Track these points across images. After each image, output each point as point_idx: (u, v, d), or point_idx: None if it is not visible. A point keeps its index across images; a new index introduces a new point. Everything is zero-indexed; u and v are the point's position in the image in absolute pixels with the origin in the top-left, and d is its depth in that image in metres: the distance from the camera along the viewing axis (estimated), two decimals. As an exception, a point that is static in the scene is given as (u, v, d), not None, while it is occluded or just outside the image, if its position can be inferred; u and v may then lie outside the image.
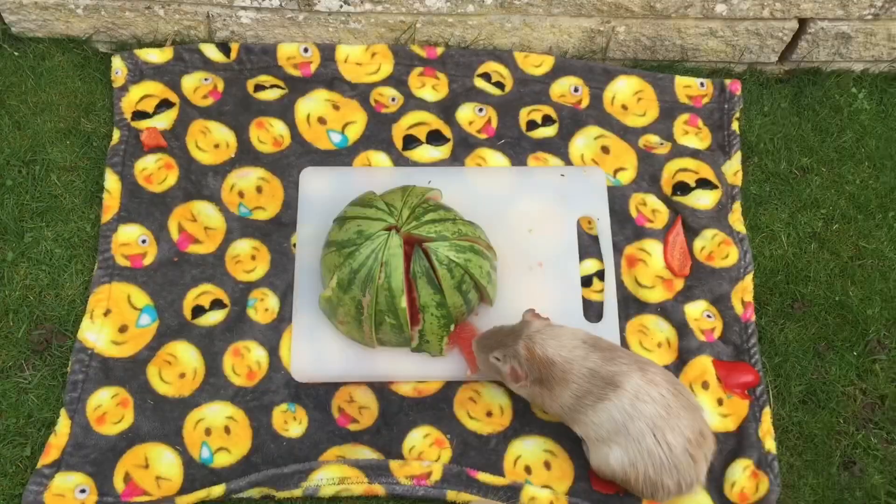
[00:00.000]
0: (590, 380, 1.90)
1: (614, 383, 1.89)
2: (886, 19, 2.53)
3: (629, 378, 1.89)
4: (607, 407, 1.89)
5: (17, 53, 2.56)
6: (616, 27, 2.55)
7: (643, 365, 1.92)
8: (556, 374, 1.92)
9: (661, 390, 1.88)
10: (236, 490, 2.00)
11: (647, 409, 1.87)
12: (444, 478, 2.04)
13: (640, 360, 1.94)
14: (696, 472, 1.91)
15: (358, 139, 2.48)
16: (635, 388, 1.88)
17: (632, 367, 1.90)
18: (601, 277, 2.32)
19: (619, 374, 1.89)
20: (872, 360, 2.25)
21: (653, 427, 1.86)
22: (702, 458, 1.91)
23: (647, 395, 1.87)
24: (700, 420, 1.93)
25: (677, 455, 1.87)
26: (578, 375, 1.91)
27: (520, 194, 2.40)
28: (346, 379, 2.18)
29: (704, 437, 1.92)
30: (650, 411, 1.86)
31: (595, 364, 1.91)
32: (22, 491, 2.01)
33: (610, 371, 1.89)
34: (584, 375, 1.90)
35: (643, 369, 1.91)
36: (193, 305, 2.24)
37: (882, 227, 2.43)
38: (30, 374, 2.15)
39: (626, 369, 1.90)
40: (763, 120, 2.57)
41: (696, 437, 1.89)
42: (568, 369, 1.91)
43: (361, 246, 2.06)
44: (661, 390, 1.88)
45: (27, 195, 2.36)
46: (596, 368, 1.90)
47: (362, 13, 2.50)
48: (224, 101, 2.49)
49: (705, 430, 1.93)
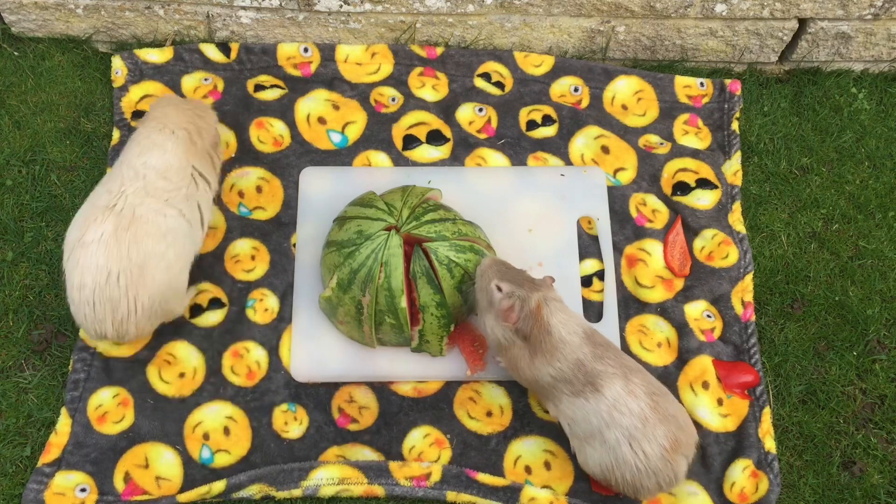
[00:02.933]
0: (574, 369, 1.91)
1: (595, 385, 1.89)
2: (886, 19, 2.53)
3: (611, 384, 1.89)
4: (584, 407, 1.90)
5: (17, 53, 2.56)
6: (616, 27, 2.55)
7: (628, 371, 1.92)
8: (546, 344, 1.92)
9: (639, 403, 1.88)
10: (237, 485, 2.00)
11: (623, 420, 1.88)
12: (443, 479, 2.04)
13: (627, 366, 1.94)
14: (675, 472, 1.92)
15: (358, 139, 2.48)
16: (614, 398, 1.88)
17: (617, 371, 1.91)
18: (601, 277, 2.32)
19: (602, 374, 1.90)
20: (872, 360, 2.25)
21: (629, 437, 1.88)
22: (680, 459, 1.92)
23: (625, 406, 1.88)
24: (677, 427, 1.91)
25: (654, 462, 1.88)
26: (566, 359, 1.91)
27: (520, 194, 2.40)
28: (346, 379, 2.18)
29: (681, 442, 1.91)
30: (626, 423, 1.88)
31: (584, 356, 1.91)
32: (22, 490, 2.02)
33: (595, 369, 1.90)
34: (570, 361, 1.91)
35: (627, 377, 1.91)
36: (192, 304, 2.24)
37: (882, 227, 2.43)
38: (30, 374, 2.15)
39: (611, 372, 1.90)
40: (763, 120, 2.57)
41: (672, 443, 1.89)
42: (560, 347, 1.91)
43: (361, 246, 2.07)
44: (639, 403, 1.88)
45: (27, 195, 2.36)
46: (583, 360, 1.91)
47: (362, 13, 2.50)
48: (224, 101, 2.49)
49: (682, 435, 1.92)
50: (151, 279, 1.99)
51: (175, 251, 2.04)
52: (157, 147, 2.09)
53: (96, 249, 1.95)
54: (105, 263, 1.94)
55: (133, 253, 1.96)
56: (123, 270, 1.95)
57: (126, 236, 1.96)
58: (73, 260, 1.98)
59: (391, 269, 2.04)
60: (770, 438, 2.13)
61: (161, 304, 2.03)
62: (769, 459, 2.10)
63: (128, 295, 1.97)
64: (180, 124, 2.13)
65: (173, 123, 2.13)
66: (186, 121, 2.15)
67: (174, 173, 2.08)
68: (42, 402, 2.13)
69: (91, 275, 1.95)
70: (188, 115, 2.16)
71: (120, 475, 2.05)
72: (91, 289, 1.95)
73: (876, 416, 2.19)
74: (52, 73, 2.53)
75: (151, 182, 2.04)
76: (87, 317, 1.98)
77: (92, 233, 1.96)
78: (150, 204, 2.01)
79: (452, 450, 2.11)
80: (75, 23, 2.55)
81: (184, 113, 2.17)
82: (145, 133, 2.12)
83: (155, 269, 1.99)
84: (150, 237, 1.99)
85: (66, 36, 2.58)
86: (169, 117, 2.14)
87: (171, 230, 2.03)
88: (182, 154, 2.11)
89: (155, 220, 2.01)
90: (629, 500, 2.05)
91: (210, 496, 2.00)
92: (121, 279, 1.95)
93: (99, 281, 1.95)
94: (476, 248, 2.11)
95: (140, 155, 2.08)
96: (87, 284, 1.95)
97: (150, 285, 1.99)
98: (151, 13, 2.51)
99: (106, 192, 2.03)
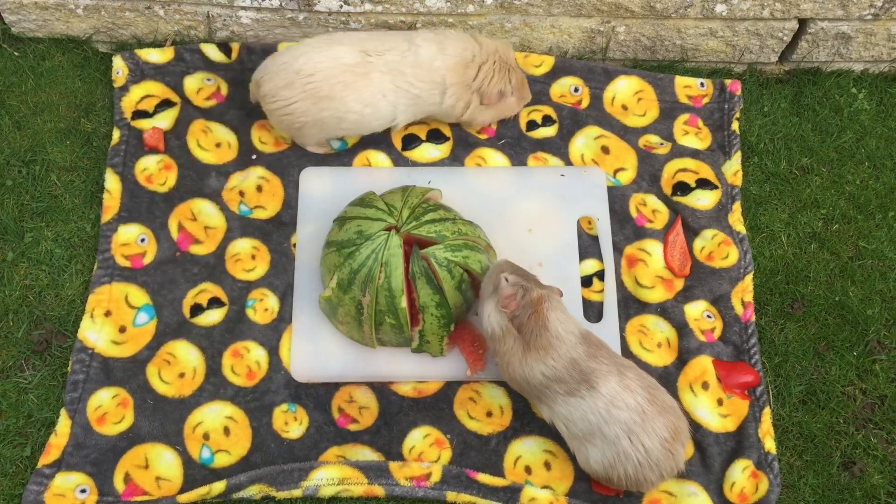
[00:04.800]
0: (568, 368, 1.91)
1: (590, 382, 1.90)
2: (886, 19, 2.53)
3: (606, 381, 1.90)
4: (580, 405, 1.91)
5: (17, 53, 2.56)
6: (616, 27, 2.55)
7: (622, 368, 1.94)
8: (542, 339, 1.93)
9: (636, 397, 1.90)
10: (237, 486, 2.00)
11: (621, 415, 1.89)
12: (443, 479, 2.04)
13: (620, 363, 1.96)
14: (676, 462, 1.94)
15: (357, 139, 2.47)
16: (611, 394, 1.89)
17: (611, 368, 1.92)
18: (601, 277, 2.32)
19: (597, 372, 1.91)
20: (872, 361, 2.25)
21: (628, 431, 1.89)
22: (679, 448, 1.94)
23: (622, 401, 1.89)
24: (675, 416, 1.94)
25: (655, 455, 1.90)
26: (560, 357, 1.92)
27: (520, 194, 2.40)
28: (346, 379, 2.18)
29: (680, 431, 1.94)
30: (625, 417, 1.89)
31: (578, 355, 1.92)
32: (22, 491, 2.02)
33: (590, 367, 1.91)
34: (565, 359, 1.92)
35: (621, 373, 1.92)
36: (192, 304, 2.24)
37: (882, 227, 2.43)
38: (30, 374, 2.15)
39: (606, 369, 1.91)
40: (763, 120, 2.57)
41: (672, 434, 1.91)
42: (555, 345, 1.92)
43: (361, 246, 2.07)
44: (636, 397, 1.90)
45: (27, 195, 2.36)
46: (578, 360, 1.92)
47: (362, 13, 2.50)
48: (227, 104, 2.49)
49: (680, 423, 1.95)
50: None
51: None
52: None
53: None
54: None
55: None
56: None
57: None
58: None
59: (391, 269, 2.04)
60: (770, 439, 2.13)
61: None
62: (769, 460, 2.10)
63: None
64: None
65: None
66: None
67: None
68: (42, 403, 2.13)
69: None
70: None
71: (120, 476, 2.05)
72: None
73: (876, 416, 2.19)
74: (52, 73, 2.53)
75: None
76: None
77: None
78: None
79: (452, 450, 2.11)
80: (75, 23, 2.55)
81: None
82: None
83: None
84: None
85: (67, 36, 2.58)
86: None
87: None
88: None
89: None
90: (629, 501, 2.05)
91: (210, 496, 2.00)
92: None
93: None
94: (471, 245, 2.12)
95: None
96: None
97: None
98: (151, 13, 2.51)
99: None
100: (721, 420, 2.16)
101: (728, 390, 2.18)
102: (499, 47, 2.34)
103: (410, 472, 2.04)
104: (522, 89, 2.43)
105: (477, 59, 2.32)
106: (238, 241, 2.33)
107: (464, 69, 2.31)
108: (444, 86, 2.31)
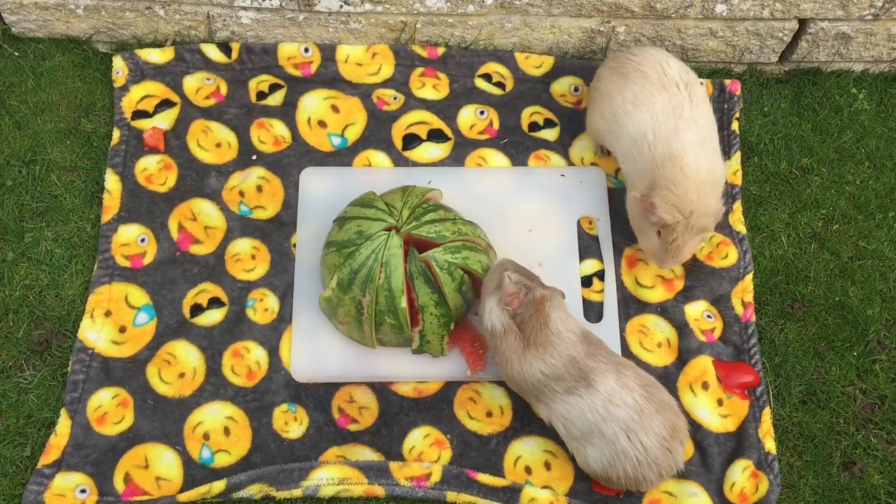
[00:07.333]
0: (567, 366, 1.92)
1: (588, 380, 1.91)
2: (886, 19, 2.53)
3: (604, 378, 1.91)
4: (578, 404, 1.91)
5: (17, 53, 2.56)
6: (616, 27, 2.55)
7: (620, 366, 1.94)
8: (541, 336, 1.93)
9: (633, 395, 1.90)
10: (237, 485, 2.00)
11: (619, 412, 1.89)
12: (443, 479, 2.04)
13: (618, 361, 1.96)
14: (675, 460, 1.94)
15: (357, 139, 2.48)
16: (609, 391, 1.90)
17: (609, 366, 1.92)
18: (601, 277, 2.32)
19: (595, 370, 1.91)
20: (872, 361, 2.25)
21: (626, 430, 1.89)
22: (677, 447, 1.94)
23: (619, 399, 1.90)
24: (673, 414, 1.95)
25: (654, 453, 1.90)
26: (560, 355, 1.92)
27: (520, 194, 2.40)
28: (346, 379, 2.18)
29: (678, 429, 1.94)
30: (623, 415, 1.89)
31: (578, 354, 1.93)
32: (22, 491, 2.02)
33: (588, 365, 1.92)
34: (564, 357, 1.92)
35: (619, 371, 1.93)
36: (192, 304, 2.24)
37: (882, 227, 2.43)
38: (30, 374, 2.15)
39: (604, 367, 1.92)
40: (763, 120, 2.57)
41: (670, 432, 1.91)
42: (554, 342, 1.93)
43: (361, 246, 2.07)
44: (633, 395, 1.90)
45: (27, 195, 2.36)
46: (577, 357, 1.92)
47: (362, 13, 2.50)
48: (227, 104, 2.49)
49: (678, 421, 1.95)
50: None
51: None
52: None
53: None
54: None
55: None
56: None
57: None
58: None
59: (391, 269, 2.04)
60: (770, 439, 2.13)
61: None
62: (769, 460, 2.10)
63: None
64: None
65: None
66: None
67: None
68: (42, 403, 2.13)
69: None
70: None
71: (120, 476, 2.05)
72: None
73: (876, 416, 2.19)
74: (52, 73, 2.53)
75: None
76: None
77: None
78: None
79: (452, 450, 2.11)
80: (75, 23, 2.55)
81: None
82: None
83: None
84: None
85: (67, 36, 2.58)
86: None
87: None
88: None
89: None
90: (629, 501, 2.06)
91: (210, 496, 2.00)
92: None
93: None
94: (471, 245, 2.12)
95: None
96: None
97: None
98: (152, 13, 2.51)
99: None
100: (721, 420, 2.16)
101: (728, 390, 2.18)
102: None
103: (410, 472, 2.04)
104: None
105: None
106: (238, 241, 2.33)
107: None
108: None
